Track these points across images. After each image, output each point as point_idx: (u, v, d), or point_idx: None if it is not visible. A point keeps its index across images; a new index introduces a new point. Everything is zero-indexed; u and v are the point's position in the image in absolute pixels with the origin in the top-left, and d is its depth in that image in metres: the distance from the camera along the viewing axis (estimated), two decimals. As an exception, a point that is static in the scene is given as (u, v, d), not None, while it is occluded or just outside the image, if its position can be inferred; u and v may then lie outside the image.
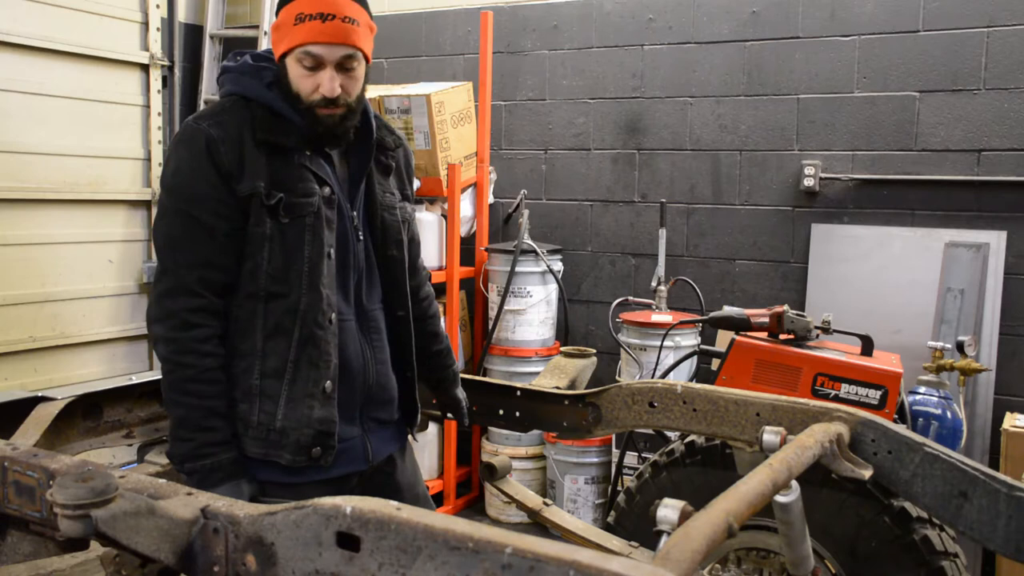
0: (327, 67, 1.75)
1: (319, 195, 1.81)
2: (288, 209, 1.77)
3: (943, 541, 2.17)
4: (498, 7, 4.74)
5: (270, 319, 1.79)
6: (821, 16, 4.07)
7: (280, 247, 1.77)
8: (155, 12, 5.07)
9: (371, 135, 1.92)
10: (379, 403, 1.97)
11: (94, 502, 1.25)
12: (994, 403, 3.74)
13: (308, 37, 1.72)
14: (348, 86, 1.79)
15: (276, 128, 1.79)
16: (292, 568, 1.25)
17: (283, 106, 1.80)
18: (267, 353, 1.79)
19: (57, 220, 4.63)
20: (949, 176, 3.86)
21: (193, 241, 1.74)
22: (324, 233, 1.81)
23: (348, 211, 1.89)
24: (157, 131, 5.13)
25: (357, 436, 1.93)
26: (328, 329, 1.81)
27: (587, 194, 4.67)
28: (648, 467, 2.56)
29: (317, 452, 1.81)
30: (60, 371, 4.64)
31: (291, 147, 1.80)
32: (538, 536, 1.10)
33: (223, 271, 1.76)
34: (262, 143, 1.77)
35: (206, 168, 1.73)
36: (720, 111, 4.32)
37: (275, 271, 1.77)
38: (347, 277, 1.88)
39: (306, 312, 1.78)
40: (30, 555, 1.80)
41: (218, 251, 1.75)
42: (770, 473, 1.55)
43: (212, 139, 1.74)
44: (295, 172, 1.79)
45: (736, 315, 3.10)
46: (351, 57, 1.77)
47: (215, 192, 1.73)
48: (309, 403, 1.79)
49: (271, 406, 1.79)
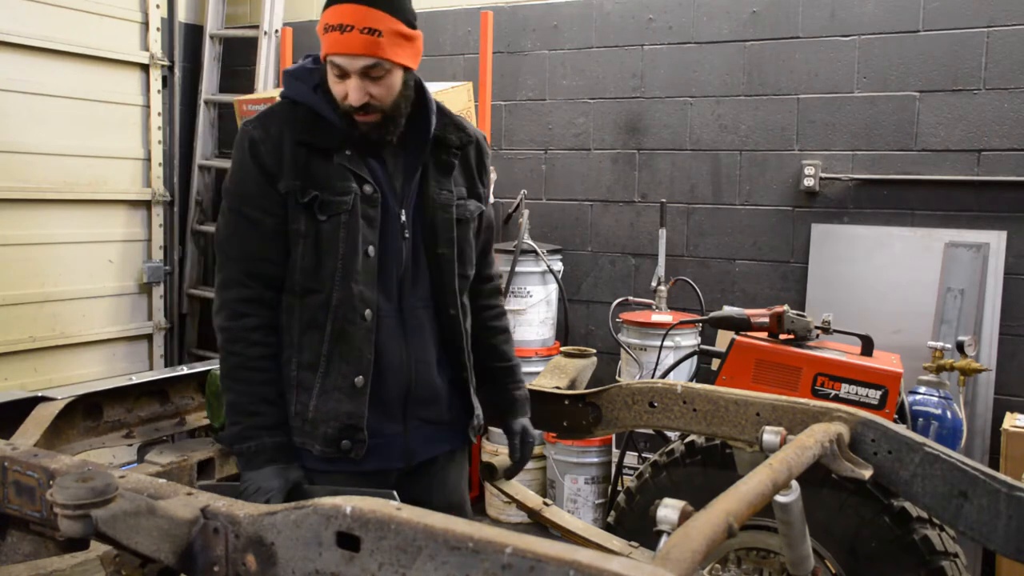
0: (351, 76, 1.78)
1: (356, 193, 1.83)
2: (323, 207, 1.81)
3: (943, 541, 2.17)
4: (498, 7, 4.74)
5: (305, 314, 1.85)
6: (821, 16, 4.07)
7: (314, 244, 1.82)
8: (155, 12, 5.07)
9: (427, 134, 1.92)
10: (423, 402, 1.94)
11: (94, 502, 1.25)
12: (994, 403, 3.74)
13: (330, 48, 1.78)
14: (378, 94, 1.80)
15: (315, 129, 1.85)
16: (292, 568, 1.25)
17: (325, 108, 1.85)
18: (303, 346, 1.86)
19: (57, 220, 4.63)
20: (949, 176, 3.86)
21: (242, 237, 1.84)
22: (361, 231, 1.83)
23: (395, 209, 1.89)
24: (157, 131, 5.14)
25: (398, 433, 1.92)
26: (360, 325, 1.83)
27: (587, 194, 4.67)
28: (648, 467, 2.56)
29: (346, 445, 1.84)
30: (60, 371, 4.64)
31: (331, 147, 1.84)
32: (538, 536, 1.10)
33: (271, 264, 1.84)
34: (301, 143, 1.83)
35: (251, 168, 1.83)
36: (720, 111, 4.32)
37: (309, 267, 1.83)
38: (389, 274, 1.88)
39: (338, 308, 1.83)
40: (30, 555, 1.81)
41: (265, 245, 1.83)
42: (770, 473, 1.55)
43: (255, 140, 1.83)
44: (333, 171, 1.83)
45: (736, 315, 3.10)
46: (374, 67, 1.78)
47: (260, 190, 1.82)
48: (338, 396, 1.83)
49: (306, 397, 1.85)
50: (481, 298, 2.16)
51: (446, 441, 2.03)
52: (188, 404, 2.60)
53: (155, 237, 5.17)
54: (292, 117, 1.86)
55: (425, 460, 1.99)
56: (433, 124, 1.92)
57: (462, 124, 2.02)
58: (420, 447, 1.96)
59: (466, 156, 2.02)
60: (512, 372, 2.19)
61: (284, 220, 1.83)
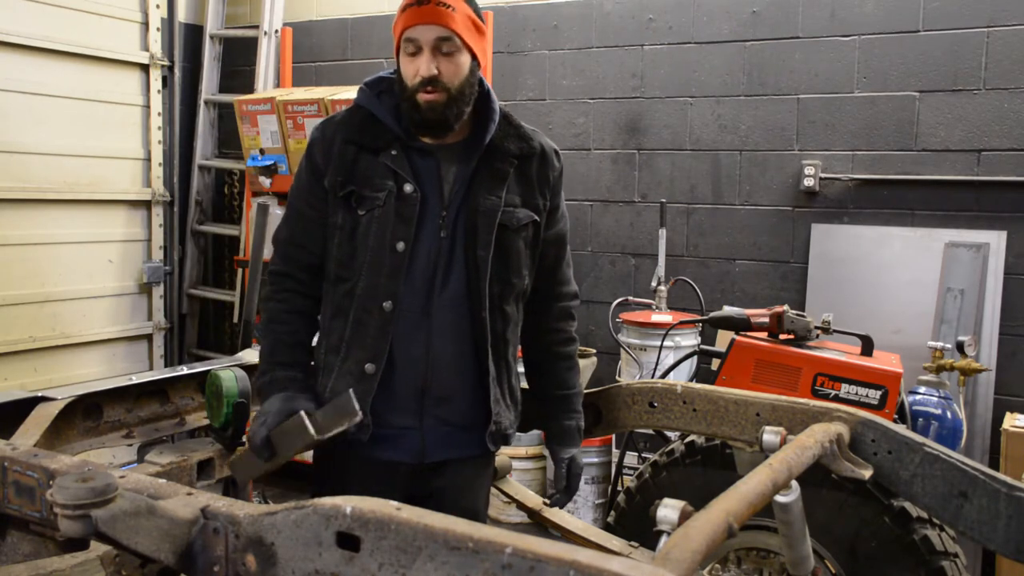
0: (425, 50, 1.84)
1: (391, 191, 1.90)
2: (360, 202, 1.92)
3: (943, 541, 2.17)
4: (498, 7, 4.74)
5: (335, 301, 1.97)
6: (821, 16, 4.07)
7: (349, 236, 1.93)
8: (155, 12, 5.07)
9: (484, 138, 1.95)
10: (438, 400, 1.95)
11: (94, 502, 1.25)
12: (994, 403, 3.74)
13: (406, 22, 1.86)
14: (447, 70, 1.85)
15: (366, 129, 1.95)
16: (292, 568, 1.25)
17: (382, 111, 1.96)
18: (331, 331, 1.99)
19: (57, 220, 4.63)
20: (949, 176, 3.86)
21: (288, 222, 2.04)
22: (392, 226, 1.90)
23: (436, 208, 1.93)
24: (157, 131, 5.14)
25: (412, 428, 1.96)
26: (378, 315, 1.90)
27: (587, 194, 4.67)
28: (648, 467, 2.56)
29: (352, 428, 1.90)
30: (60, 371, 4.64)
31: (378, 146, 1.93)
32: (538, 536, 1.10)
33: (304, 250, 2.01)
34: (350, 142, 1.94)
35: (305, 165, 2.01)
36: (720, 111, 4.32)
37: (343, 258, 1.95)
38: (418, 271, 1.92)
39: (361, 297, 1.92)
40: (30, 555, 1.81)
41: (304, 233, 2.00)
42: (770, 473, 1.55)
43: (314, 141, 2.00)
44: (377, 169, 1.92)
45: (736, 315, 3.10)
46: (446, 40, 1.84)
47: (308, 185, 1.99)
48: (349, 380, 1.91)
49: (326, 379, 1.97)
50: (549, 319, 2.14)
51: (464, 446, 2.01)
52: (188, 404, 2.59)
53: (155, 237, 5.17)
54: (350, 120, 1.98)
55: (440, 461, 1.99)
56: (491, 131, 1.95)
57: (528, 135, 2.03)
58: (435, 446, 1.97)
59: (526, 167, 2.01)
60: (569, 401, 2.16)
61: (325, 213, 1.96)
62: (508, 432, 2.05)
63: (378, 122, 1.95)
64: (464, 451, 2.02)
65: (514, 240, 1.98)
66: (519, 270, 2.00)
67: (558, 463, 2.15)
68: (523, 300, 2.06)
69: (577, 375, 2.19)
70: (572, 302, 2.18)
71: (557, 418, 2.16)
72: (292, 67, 5.16)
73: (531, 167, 2.02)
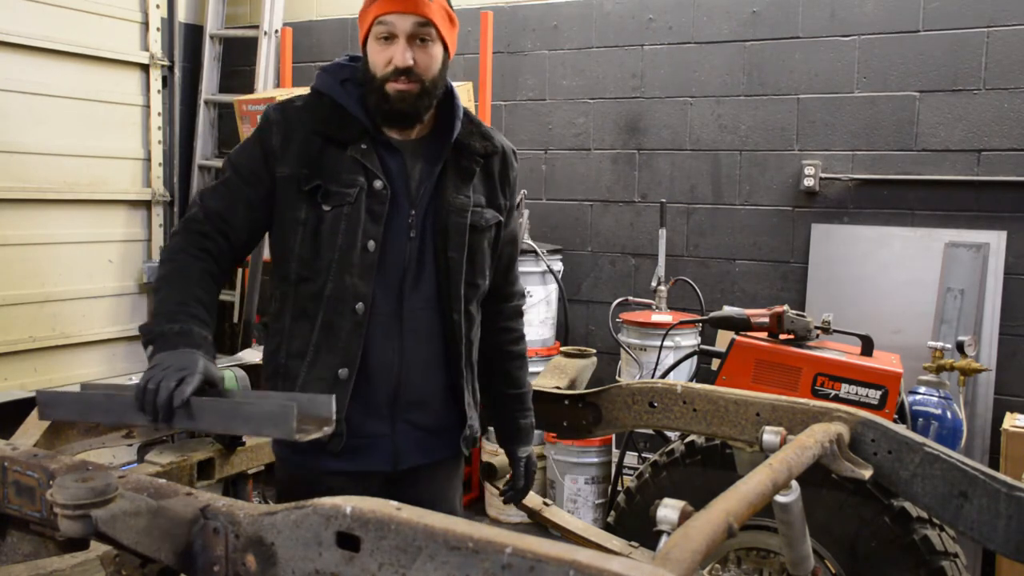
0: (400, 38, 1.78)
1: (362, 187, 1.82)
2: (326, 197, 1.81)
3: (943, 541, 2.17)
4: (498, 7, 4.74)
5: (298, 302, 1.86)
6: (821, 16, 4.07)
7: (313, 233, 1.82)
8: (155, 12, 5.07)
9: (449, 136, 1.91)
10: (411, 404, 1.90)
11: (94, 502, 1.25)
12: (994, 403, 3.74)
13: (382, 8, 1.78)
14: (422, 61, 1.80)
15: (334, 120, 1.85)
16: (292, 568, 1.25)
17: (348, 101, 1.86)
18: (293, 335, 1.86)
19: (57, 220, 4.63)
20: (949, 176, 3.86)
21: (221, 194, 1.88)
22: (363, 225, 1.81)
23: (405, 208, 1.87)
24: (157, 131, 5.14)
25: (385, 435, 1.89)
26: (349, 318, 1.82)
27: (587, 194, 4.67)
28: (648, 467, 2.56)
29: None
30: (60, 371, 4.64)
31: (346, 140, 1.84)
32: (538, 536, 1.10)
33: (232, 226, 1.86)
34: (316, 132, 1.84)
35: (256, 144, 1.87)
36: (720, 111, 4.32)
37: (306, 256, 1.83)
38: (390, 272, 1.86)
39: (330, 299, 1.82)
40: (30, 555, 1.80)
41: (235, 209, 1.86)
42: (770, 473, 1.55)
43: (269, 121, 1.86)
44: (344, 163, 1.83)
45: (736, 315, 3.10)
46: (423, 26, 1.78)
47: (253, 165, 1.86)
48: (320, 387, 1.81)
49: (291, 385, 1.85)
50: (501, 319, 2.12)
51: (436, 449, 1.97)
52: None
53: (155, 237, 5.17)
54: (314, 107, 1.87)
55: (413, 466, 1.93)
56: (457, 128, 1.91)
57: (489, 134, 1.99)
58: (408, 452, 1.91)
59: (489, 166, 1.99)
60: (521, 400, 2.15)
61: (262, 197, 1.85)
62: (477, 435, 2.03)
63: (345, 113, 1.86)
64: (436, 455, 1.97)
65: (480, 241, 1.95)
66: (483, 271, 1.98)
67: (515, 462, 2.14)
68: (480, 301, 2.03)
69: (527, 373, 2.18)
70: (521, 301, 2.18)
71: (512, 417, 2.14)
72: (292, 67, 5.16)
73: (494, 166, 2.00)
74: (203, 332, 1.70)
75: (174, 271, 1.78)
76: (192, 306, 1.73)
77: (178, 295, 1.74)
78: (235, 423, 1.44)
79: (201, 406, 1.48)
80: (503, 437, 2.18)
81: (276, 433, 1.38)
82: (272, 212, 1.87)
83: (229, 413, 1.45)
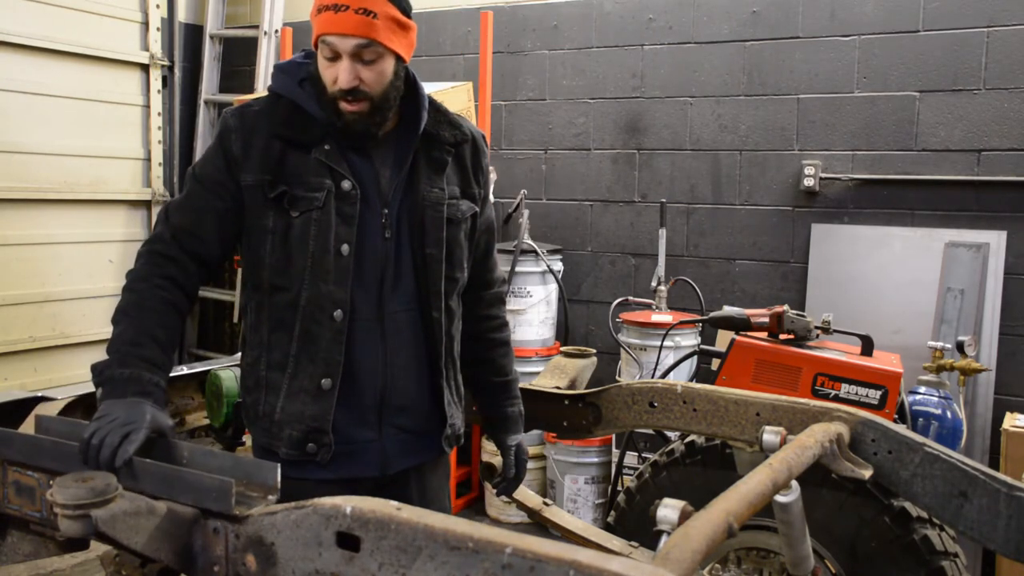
0: (343, 58, 1.72)
1: (330, 190, 1.77)
2: (293, 203, 1.76)
3: (943, 541, 2.17)
4: (498, 7, 4.74)
5: (274, 313, 1.81)
6: (821, 16, 4.07)
7: (283, 241, 1.77)
8: (155, 12, 5.07)
9: (417, 128, 1.86)
10: (398, 409, 1.87)
11: (94, 502, 1.25)
12: (994, 403, 3.74)
13: (323, 28, 1.72)
14: (369, 79, 1.74)
15: (294, 123, 1.80)
16: (292, 568, 1.25)
17: (308, 102, 1.81)
18: (272, 346, 1.82)
19: (57, 220, 4.63)
20: (949, 176, 3.86)
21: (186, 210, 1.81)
22: (335, 228, 1.77)
23: (377, 207, 1.82)
24: (157, 131, 5.14)
25: (373, 440, 1.85)
26: (329, 326, 1.77)
27: (587, 194, 4.67)
28: (648, 467, 2.56)
29: (312, 448, 1.78)
30: (60, 371, 4.64)
31: (309, 142, 1.79)
32: (538, 536, 1.10)
33: (202, 241, 1.80)
34: (276, 136, 1.79)
35: (217, 153, 1.81)
36: (720, 111, 4.32)
37: (278, 264, 1.78)
38: (367, 274, 1.81)
39: (306, 307, 1.77)
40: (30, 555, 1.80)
41: (203, 224, 1.79)
42: (770, 473, 1.55)
43: (228, 128, 1.81)
44: (309, 166, 1.78)
45: (736, 315, 3.09)
46: (366, 48, 1.72)
47: (217, 175, 1.80)
48: (304, 399, 1.78)
49: (274, 398, 1.81)
50: (481, 307, 2.09)
51: (422, 452, 1.94)
52: (188, 404, 2.60)
53: (155, 237, 5.16)
54: (272, 110, 1.82)
55: (401, 470, 1.91)
56: (424, 119, 1.86)
57: (457, 121, 1.95)
58: (395, 456, 1.88)
59: (460, 154, 1.94)
60: (508, 388, 2.12)
61: (231, 207, 1.79)
62: (460, 432, 2.01)
63: (305, 114, 1.80)
64: (422, 457, 1.95)
65: (457, 234, 1.91)
66: (462, 264, 1.94)
67: (505, 451, 2.10)
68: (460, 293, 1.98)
69: (513, 361, 2.16)
70: (502, 288, 2.15)
71: (499, 406, 2.11)
72: (292, 67, 5.15)
73: (465, 155, 1.95)
74: (154, 378, 1.63)
75: (132, 304, 1.71)
76: (146, 346, 1.65)
77: (132, 333, 1.67)
78: (175, 491, 1.38)
79: (144, 468, 1.43)
80: (491, 426, 2.14)
81: (215, 507, 1.33)
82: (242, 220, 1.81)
83: (170, 480, 1.40)
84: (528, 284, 4.38)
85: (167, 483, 1.40)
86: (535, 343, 4.42)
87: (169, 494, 1.38)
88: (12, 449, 1.60)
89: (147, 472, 1.43)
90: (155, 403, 1.59)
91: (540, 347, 4.43)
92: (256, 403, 1.84)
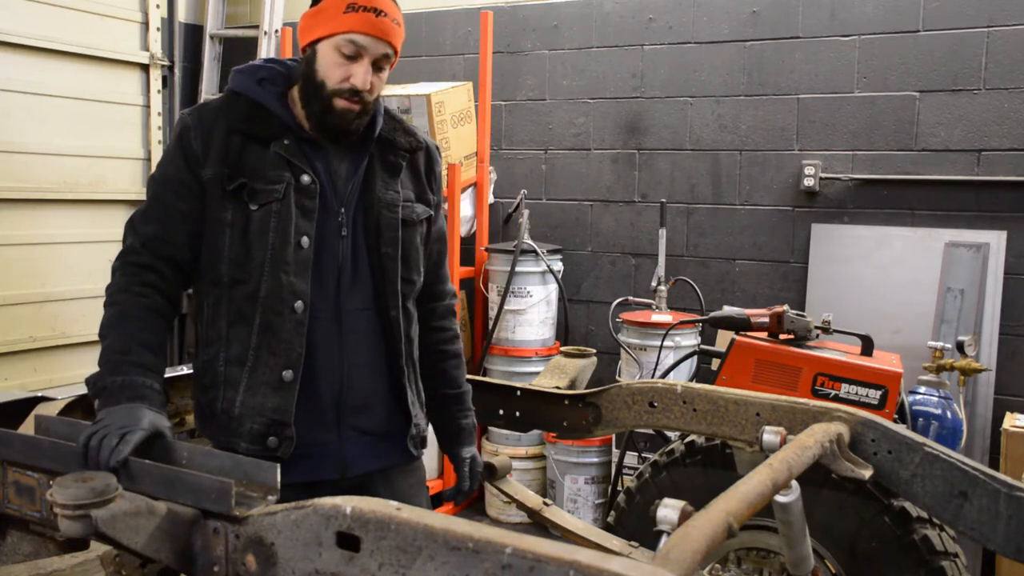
0: (365, 60, 1.77)
1: (288, 182, 1.78)
2: (253, 195, 1.77)
3: (943, 541, 2.17)
4: (498, 7, 4.74)
5: (233, 306, 1.80)
6: (821, 16, 4.07)
7: (242, 233, 1.77)
8: (155, 12, 5.07)
9: (372, 132, 1.89)
10: (355, 409, 1.86)
11: (94, 502, 1.25)
12: (994, 403, 3.74)
13: (358, 26, 1.74)
14: (376, 85, 1.81)
15: (253, 118, 1.81)
16: (292, 568, 1.25)
17: (267, 99, 1.82)
18: (231, 340, 1.80)
19: (57, 220, 4.63)
20: (949, 176, 3.87)
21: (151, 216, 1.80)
22: (295, 221, 1.77)
23: (334, 206, 1.83)
24: (157, 131, 5.14)
25: (332, 443, 1.84)
26: (289, 317, 1.76)
27: (587, 194, 4.67)
28: (648, 467, 2.56)
29: (273, 442, 1.76)
30: (60, 371, 4.64)
31: (268, 136, 1.80)
32: (538, 536, 1.10)
33: (173, 246, 1.79)
34: (235, 131, 1.79)
35: (176, 153, 1.80)
36: (720, 111, 4.32)
37: (237, 257, 1.78)
38: (325, 272, 1.82)
39: (266, 299, 1.77)
40: (30, 555, 1.80)
41: (172, 228, 1.79)
42: (770, 473, 1.55)
43: (186, 127, 1.80)
44: (268, 160, 1.79)
45: (736, 315, 3.10)
46: (387, 57, 1.80)
47: (179, 175, 1.79)
48: (265, 391, 1.77)
49: (232, 393, 1.79)
50: (433, 319, 2.08)
51: (386, 455, 1.92)
52: (188, 404, 2.59)
53: (155, 237, 5.16)
54: (230, 107, 1.83)
55: (363, 473, 1.88)
56: (380, 123, 1.90)
57: (412, 130, 1.99)
58: (355, 459, 1.87)
59: (415, 161, 1.98)
60: (461, 400, 2.11)
61: (197, 206, 1.79)
62: (425, 434, 1.99)
63: (264, 110, 1.81)
64: (386, 460, 1.93)
65: (413, 236, 1.93)
66: (418, 267, 1.95)
67: (459, 463, 2.08)
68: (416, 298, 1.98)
69: (464, 373, 2.15)
70: (453, 300, 2.15)
71: (453, 419, 2.11)
72: (292, 67, 5.16)
73: (419, 162, 1.99)
74: (147, 381, 1.64)
75: (116, 316, 1.72)
76: (135, 353, 1.67)
77: (120, 343, 1.68)
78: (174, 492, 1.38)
79: (144, 469, 1.44)
80: (445, 439, 2.13)
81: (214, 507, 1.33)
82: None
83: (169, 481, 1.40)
84: (528, 284, 4.38)
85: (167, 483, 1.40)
86: (535, 343, 4.43)
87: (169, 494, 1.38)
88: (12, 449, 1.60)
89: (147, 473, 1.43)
90: (152, 405, 1.61)
91: (540, 347, 4.43)
92: (213, 401, 1.80)
